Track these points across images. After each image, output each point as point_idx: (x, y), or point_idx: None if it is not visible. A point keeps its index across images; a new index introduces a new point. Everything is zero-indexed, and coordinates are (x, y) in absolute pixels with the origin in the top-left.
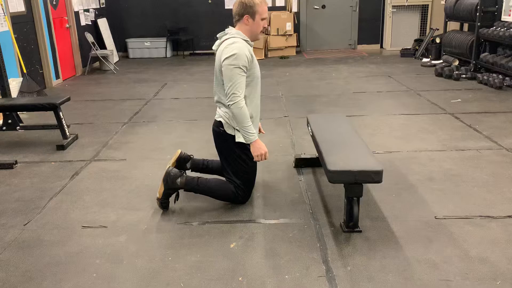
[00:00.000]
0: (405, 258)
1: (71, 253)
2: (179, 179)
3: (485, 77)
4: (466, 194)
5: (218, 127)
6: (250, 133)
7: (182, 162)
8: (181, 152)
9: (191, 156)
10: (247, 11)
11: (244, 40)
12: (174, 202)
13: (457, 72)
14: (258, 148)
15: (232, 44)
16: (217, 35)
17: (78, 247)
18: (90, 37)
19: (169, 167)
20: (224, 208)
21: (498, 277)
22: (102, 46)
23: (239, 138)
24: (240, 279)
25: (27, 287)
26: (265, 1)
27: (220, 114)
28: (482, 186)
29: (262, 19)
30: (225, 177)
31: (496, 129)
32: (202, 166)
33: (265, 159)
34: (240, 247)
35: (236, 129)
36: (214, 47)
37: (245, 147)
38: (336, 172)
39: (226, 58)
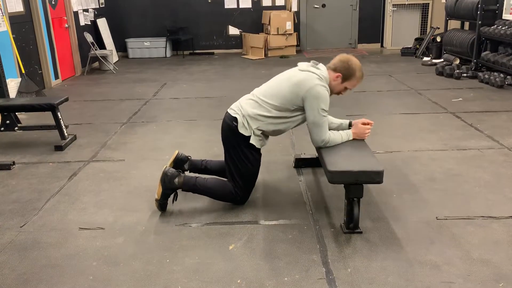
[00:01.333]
0: (406, 260)
1: (68, 255)
2: (176, 179)
3: (486, 76)
4: (468, 194)
5: (231, 121)
6: (347, 139)
7: (180, 163)
8: (178, 153)
9: (189, 157)
10: (343, 72)
11: (326, 88)
12: (173, 203)
13: (458, 71)
14: (360, 134)
15: (322, 93)
16: (312, 61)
17: (75, 249)
18: (89, 37)
19: (166, 167)
20: (223, 209)
21: (501, 279)
22: (102, 46)
23: (253, 141)
24: (239, 281)
25: None
26: (363, 78)
27: (239, 111)
28: (484, 186)
29: (345, 87)
30: (226, 175)
31: (498, 129)
32: (200, 166)
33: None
34: (239, 248)
35: (253, 131)
36: (300, 64)
37: (253, 147)
38: (336, 172)
39: (317, 103)
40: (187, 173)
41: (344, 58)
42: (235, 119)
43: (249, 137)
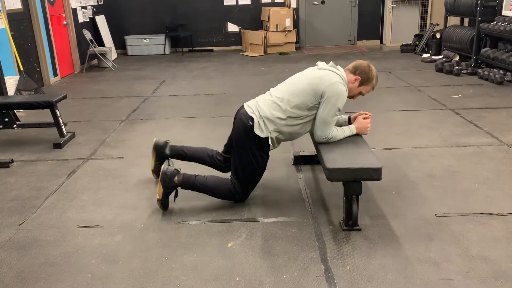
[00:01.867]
0: (405, 257)
1: (67, 253)
2: (176, 177)
3: (486, 73)
4: (467, 191)
5: (248, 120)
6: (351, 134)
7: (160, 149)
8: (156, 140)
9: (167, 141)
10: (362, 76)
11: (346, 89)
12: (174, 201)
13: (457, 67)
14: (362, 128)
15: (343, 92)
16: (331, 63)
17: (73, 247)
18: (88, 34)
19: (165, 166)
20: (221, 207)
21: (500, 276)
22: (100, 43)
23: (270, 142)
24: (237, 279)
25: None
26: (376, 86)
27: (256, 111)
28: (483, 183)
29: (360, 92)
30: (230, 172)
31: (497, 125)
32: (181, 152)
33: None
34: (237, 246)
35: (270, 132)
36: (319, 63)
37: (264, 150)
38: (335, 170)
39: (336, 100)
40: (180, 164)
41: (364, 63)
42: (252, 118)
43: (263, 138)
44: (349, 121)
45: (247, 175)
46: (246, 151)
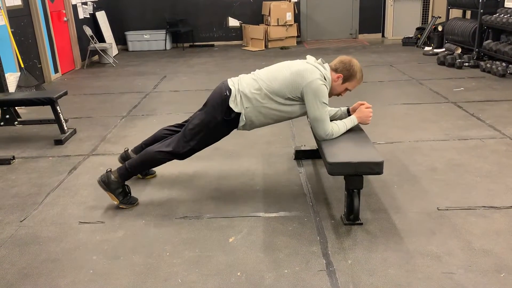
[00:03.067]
0: (407, 251)
1: (68, 250)
2: (112, 177)
3: (488, 65)
4: (469, 185)
5: (226, 90)
6: (352, 125)
7: (126, 159)
8: (118, 157)
9: (126, 149)
10: (344, 73)
11: (327, 86)
12: (130, 194)
13: (459, 60)
14: (364, 117)
15: (322, 88)
16: (320, 58)
17: (75, 243)
18: (88, 31)
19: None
20: (223, 202)
21: (502, 269)
22: (101, 39)
23: (242, 117)
24: (238, 274)
25: (23, 284)
26: (362, 79)
27: (236, 85)
28: (485, 176)
29: (346, 89)
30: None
31: (500, 118)
32: (144, 146)
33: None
34: (239, 241)
35: (244, 109)
36: (308, 57)
37: (230, 124)
38: (336, 164)
39: (317, 97)
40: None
41: (345, 59)
42: (230, 90)
43: (235, 113)
44: (348, 113)
45: (201, 141)
46: (213, 115)
